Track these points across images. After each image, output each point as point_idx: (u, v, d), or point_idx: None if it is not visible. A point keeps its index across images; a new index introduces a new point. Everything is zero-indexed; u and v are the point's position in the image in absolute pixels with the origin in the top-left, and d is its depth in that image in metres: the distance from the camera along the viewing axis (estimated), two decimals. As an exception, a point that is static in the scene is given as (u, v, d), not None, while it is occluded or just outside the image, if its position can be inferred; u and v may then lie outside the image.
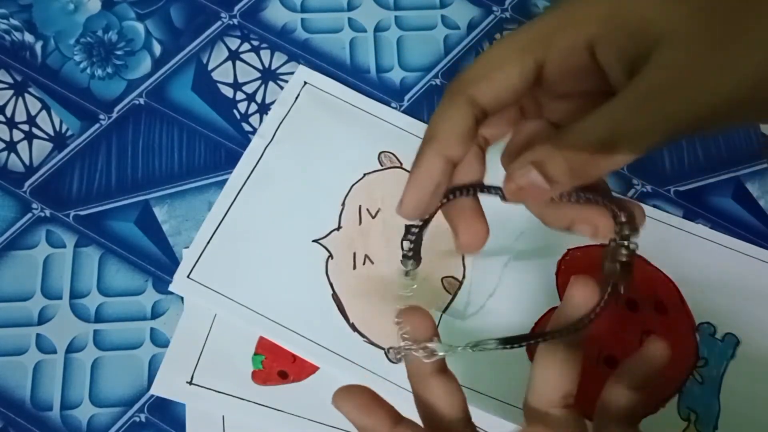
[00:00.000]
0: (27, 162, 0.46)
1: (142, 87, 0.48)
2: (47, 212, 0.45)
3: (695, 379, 0.42)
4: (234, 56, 0.49)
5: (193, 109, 0.48)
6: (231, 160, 0.46)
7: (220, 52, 0.49)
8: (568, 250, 0.44)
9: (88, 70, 0.49)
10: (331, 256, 0.43)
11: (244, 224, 0.44)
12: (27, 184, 0.45)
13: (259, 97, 0.48)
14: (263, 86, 0.49)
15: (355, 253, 0.43)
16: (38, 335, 0.42)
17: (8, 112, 0.47)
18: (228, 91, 0.48)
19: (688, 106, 0.27)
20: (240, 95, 0.48)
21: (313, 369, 0.41)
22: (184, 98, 0.48)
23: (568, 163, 0.28)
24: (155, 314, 0.42)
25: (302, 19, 0.51)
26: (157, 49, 0.49)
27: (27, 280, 0.43)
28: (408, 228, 0.34)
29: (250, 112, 0.48)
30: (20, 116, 0.47)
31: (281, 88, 0.49)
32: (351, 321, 0.42)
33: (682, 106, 0.27)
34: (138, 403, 0.41)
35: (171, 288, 0.42)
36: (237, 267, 0.43)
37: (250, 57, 0.49)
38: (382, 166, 0.46)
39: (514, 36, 0.30)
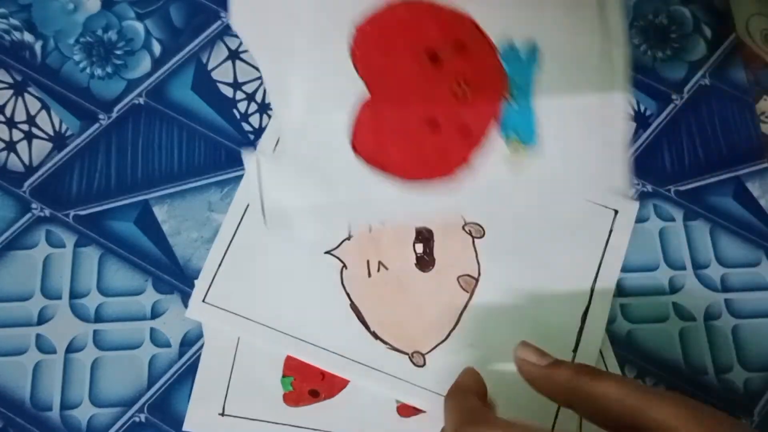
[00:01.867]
0: (27, 162, 0.46)
1: (142, 87, 0.48)
2: (47, 212, 0.45)
3: (508, 102, 0.44)
4: (234, 56, 0.49)
5: (193, 108, 0.48)
6: (231, 160, 0.46)
7: (219, 52, 0.49)
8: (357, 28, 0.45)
9: (88, 70, 0.48)
10: (345, 266, 0.42)
11: (254, 242, 0.43)
12: (27, 183, 0.45)
13: (259, 97, 0.48)
14: (263, 86, 0.49)
15: (368, 261, 0.42)
16: (38, 335, 0.42)
17: (8, 111, 0.47)
18: (228, 91, 0.48)
19: None
20: (240, 95, 0.48)
21: (344, 383, 0.41)
22: (184, 98, 0.48)
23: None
24: (155, 314, 0.42)
25: (302, 19, 0.51)
26: (157, 48, 0.49)
27: (27, 280, 0.43)
28: (419, 231, 0.35)
29: (250, 111, 0.48)
30: (20, 116, 0.47)
31: (281, 87, 0.49)
32: (372, 329, 0.41)
33: None
34: (138, 403, 0.40)
35: (188, 315, 0.42)
36: (253, 286, 0.42)
37: (250, 57, 0.49)
38: None
39: None
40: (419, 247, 0.38)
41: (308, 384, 0.41)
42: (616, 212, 0.44)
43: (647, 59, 0.50)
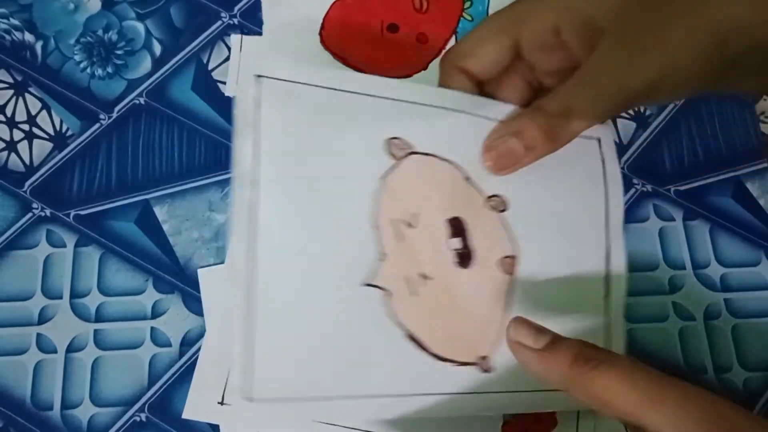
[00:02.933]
0: (27, 162, 0.46)
1: (143, 87, 0.48)
2: (47, 212, 0.45)
3: (466, 20, 0.49)
4: (234, 56, 0.49)
5: (194, 108, 0.48)
6: (231, 160, 0.46)
7: (220, 52, 0.49)
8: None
9: (88, 70, 0.49)
10: (388, 293, 0.35)
11: (279, 304, 0.34)
12: (27, 183, 0.45)
13: (259, 97, 0.48)
14: None
15: (410, 278, 0.36)
16: (38, 335, 0.42)
17: (8, 111, 0.47)
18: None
19: (617, 86, 0.34)
20: (240, 95, 0.48)
21: None
22: (185, 98, 0.48)
23: (540, 129, 0.35)
24: (155, 314, 0.42)
25: (302, 19, 0.51)
26: (157, 48, 0.49)
27: (27, 279, 0.43)
28: (452, 222, 0.33)
29: (250, 111, 0.48)
30: (20, 116, 0.47)
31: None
32: (434, 352, 0.36)
33: (613, 87, 0.34)
34: (138, 403, 0.41)
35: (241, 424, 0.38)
36: (298, 361, 0.34)
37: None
38: (395, 158, 0.37)
39: (494, 18, 0.38)
40: (455, 242, 0.34)
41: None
42: (599, 140, 0.41)
43: (647, 59, 0.50)
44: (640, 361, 0.30)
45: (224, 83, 0.48)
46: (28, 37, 0.49)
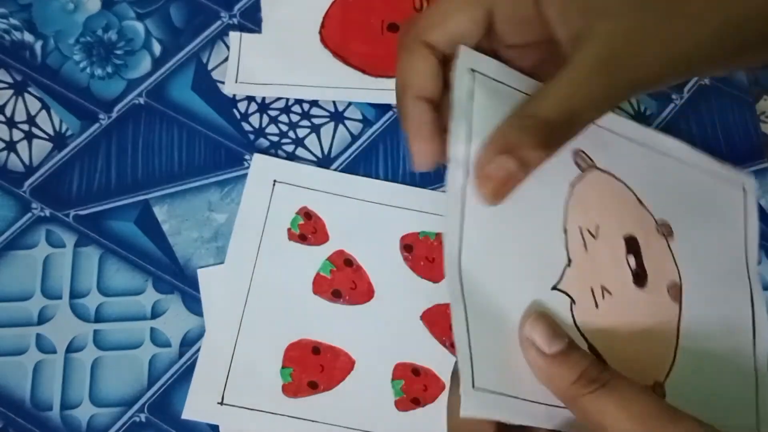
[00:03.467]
0: (27, 162, 0.46)
1: (142, 86, 0.48)
2: (47, 212, 0.45)
3: None
4: (234, 56, 0.49)
5: (193, 108, 0.48)
6: (231, 160, 0.46)
7: (220, 52, 0.49)
8: None
9: (88, 70, 0.48)
10: (573, 301, 0.34)
11: (482, 299, 0.33)
12: (27, 183, 0.45)
13: (259, 97, 0.48)
14: None
15: (592, 288, 0.35)
16: (38, 335, 0.42)
17: (8, 111, 0.47)
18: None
19: (632, 75, 0.30)
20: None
21: (342, 376, 0.41)
22: (184, 98, 0.48)
23: (538, 141, 0.29)
24: (155, 314, 0.42)
25: (302, 19, 0.51)
26: (157, 48, 0.49)
27: (27, 280, 0.43)
28: (627, 240, 0.32)
29: (250, 111, 0.48)
30: (20, 116, 0.47)
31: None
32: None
33: (628, 75, 0.30)
34: (138, 403, 0.41)
35: (463, 413, 0.31)
36: (507, 357, 0.33)
37: (250, 56, 0.49)
38: (580, 169, 0.37)
39: None
40: (632, 260, 0.33)
41: (307, 375, 0.41)
42: (744, 190, 0.40)
43: (647, 59, 0.50)
44: (649, 390, 0.29)
45: (224, 83, 0.48)
46: (28, 36, 0.49)
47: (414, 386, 0.41)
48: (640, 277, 0.35)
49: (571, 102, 0.30)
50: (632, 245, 0.35)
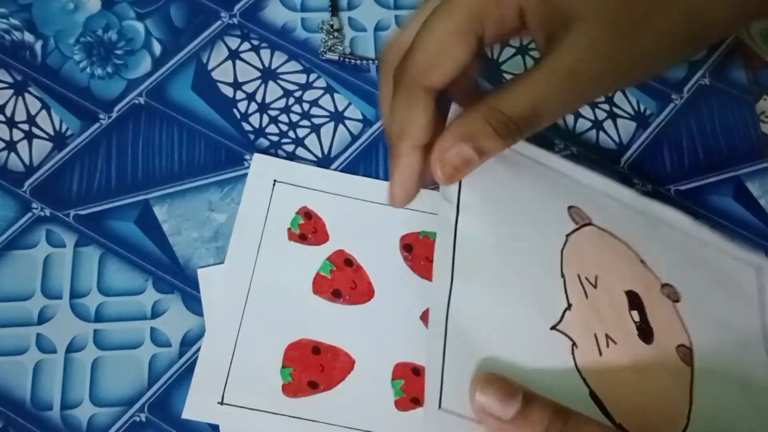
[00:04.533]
0: (27, 161, 0.46)
1: (142, 86, 0.48)
2: (47, 212, 0.45)
3: None
4: (234, 56, 0.49)
5: (193, 108, 0.48)
6: (231, 160, 0.46)
7: (220, 52, 0.49)
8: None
9: (88, 70, 0.48)
10: (574, 344, 0.34)
11: (470, 327, 0.33)
12: (27, 183, 0.45)
13: (259, 97, 0.48)
14: (263, 86, 0.49)
15: (596, 335, 0.35)
16: (38, 335, 0.42)
17: (8, 111, 0.47)
18: (228, 91, 0.48)
19: (595, 85, 0.32)
20: (240, 95, 0.48)
21: (342, 376, 0.41)
22: (184, 98, 0.48)
23: (498, 133, 0.31)
24: (155, 314, 0.42)
25: (302, 19, 0.51)
26: (157, 48, 0.49)
27: (27, 279, 0.43)
28: (630, 295, 0.32)
29: (250, 111, 0.48)
30: (20, 116, 0.47)
31: (281, 88, 0.49)
32: (618, 421, 0.33)
33: (591, 85, 0.32)
34: (138, 403, 0.41)
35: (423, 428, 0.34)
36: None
37: (250, 56, 0.49)
38: (575, 223, 0.38)
39: (450, 15, 0.32)
40: (635, 315, 0.33)
41: (307, 375, 0.41)
42: (757, 270, 0.41)
43: (647, 59, 0.50)
44: (613, 428, 0.29)
45: (224, 83, 0.48)
46: (28, 36, 0.49)
47: (414, 386, 0.41)
48: (645, 332, 0.35)
49: (534, 103, 0.31)
50: (635, 300, 0.35)
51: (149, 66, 0.49)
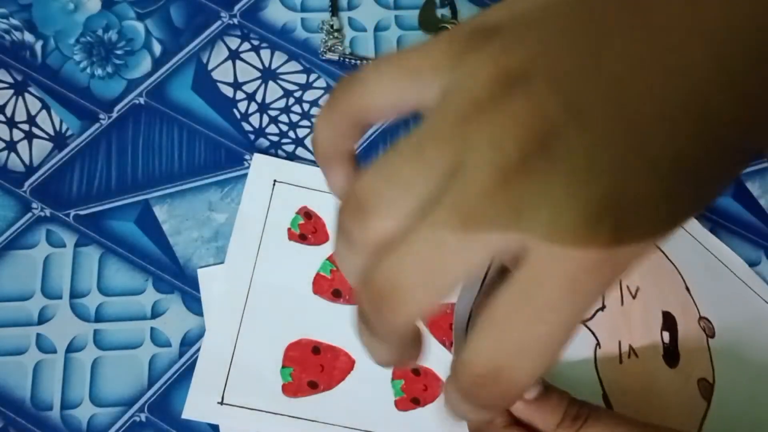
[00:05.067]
0: (27, 161, 0.46)
1: (142, 86, 0.48)
2: (47, 212, 0.45)
3: None
4: (234, 56, 0.49)
5: (193, 108, 0.48)
6: (231, 160, 0.46)
7: (220, 52, 0.49)
8: None
9: (88, 70, 0.48)
10: (598, 343, 0.35)
11: None
12: (27, 183, 0.45)
13: (259, 97, 0.48)
14: (263, 86, 0.49)
15: (620, 342, 0.35)
16: (38, 335, 0.42)
17: (8, 111, 0.47)
18: (228, 91, 0.48)
19: None
20: (240, 95, 0.48)
21: (342, 376, 0.41)
22: (184, 98, 0.48)
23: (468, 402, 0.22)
24: (155, 314, 0.42)
25: (302, 19, 0.51)
26: (157, 48, 0.49)
27: (27, 279, 0.43)
28: (666, 315, 0.32)
29: (250, 111, 0.48)
30: (20, 116, 0.47)
31: (281, 88, 0.49)
32: None
33: None
34: (138, 403, 0.41)
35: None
36: None
37: (250, 56, 0.49)
38: None
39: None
40: (666, 336, 0.33)
41: (307, 375, 0.41)
42: None
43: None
44: (628, 417, 0.29)
45: (224, 83, 0.48)
46: (28, 36, 0.49)
47: (414, 386, 0.41)
48: (671, 355, 0.35)
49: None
50: (669, 322, 0.35)
51: (149, 66, 0.49)
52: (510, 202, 0.18)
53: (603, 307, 0.35)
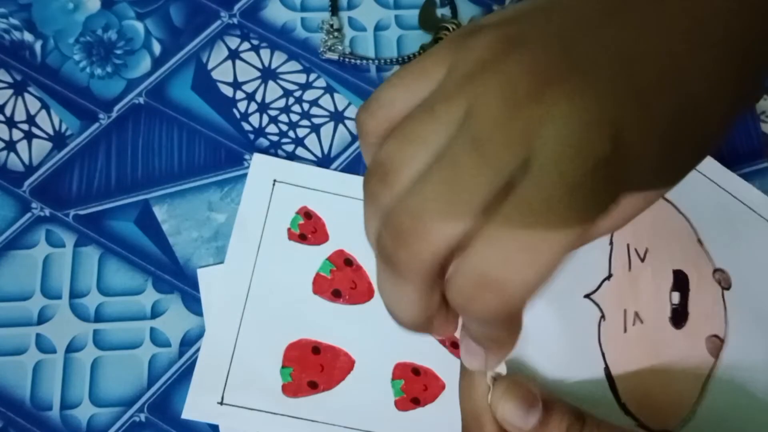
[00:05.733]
0: (26, 161, 0.46)
1: (142, 86, 0.48)
2: (47, 212, 0.45)
3: None
4: (234, 55, 0.49)
5: (193, 108, 0.48)
6: (231, 160, 0.46)
7: (219, 52, 0.49)
8: None
9: (88, 70, 0.48)
10: (603, 316, 0.34)
11: None
12: (26, 183, 0.45)
13: (259, 97, 0.48)
14: (263, 85, 0.49)
15: (625, 311, 0.34)
16: (38, 335, 0.42)
17: (8, 111, 0.47)
18: (228, 91, 0.48)
19: None
20: (240, 94, 0.48)
21: (342, 376, 0.41)
22: (184, 97, 0.48)
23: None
24: (155, 314, 0.42)
25: (302, 18, 0.51)
26: (157, 48, 0.49)
27: (26, 279, 0.43)
28: (677, 274, 0.30)
29: (250, 111, 0.48)
30: (20, 115, 0.47)
31: (281, 88, 0.49)
32: (623, 401, 0.33)
33: None
34: (138, 403, 0.40)
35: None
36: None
37: (250, 56, 0.49)
38: None
39: None
40: (675, 297, 0.32)
41: (307, 375, 0.41)
42: None
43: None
44: (630, 428, 0.29)
45: (224, 83, 0.48)
46: (28, 36, 0.49)
47: (414, 386, 0.41)
48: (679, 316, 0.34)
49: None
50: (680, 281, 0.34)
51: (149, 66, 0.49)
52: (519, 126, 0.20)
53: (610, 276, 0.34)
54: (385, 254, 0.22)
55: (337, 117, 0.48)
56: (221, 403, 0.40)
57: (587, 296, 0.33)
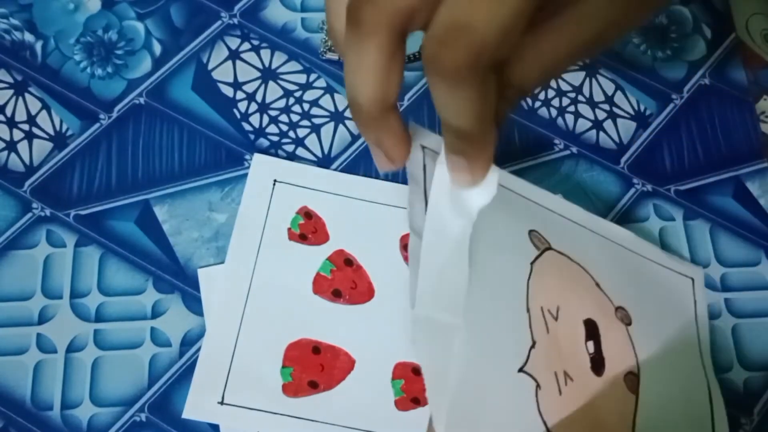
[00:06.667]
0: (27, 161, 0.46)
1: (143, 86, 0.48)
2: (47, 212, 0.45)
3: None
4: (234, 56, 0.49)
5: (194, 108, 0.48)
6: (231, 160, 0.46)
7: (220, 52, 0.49)
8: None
9: (88, 70, 0.49)
10: (538, 385, 0.32)
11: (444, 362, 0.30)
12: (27, 183, 0.45)
13: (259, 97, 0.48)
14: (263, 86, 0.49)
15: (555, 373, 0.33)
16: (38, 335, 0.42)
17: (8, 111, 0.47)
18: (228, 91, 0.48)
19: None
20: (240, 95, 0.48)
21: (343, 376, 0.41)
22: (185, 98, 0.48)
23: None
24: (156, 314, 0.42)
25: (302, 19, 0.51)
26: (157, 48, 0.49)
27: (27, 279, 0.43)
28: (587, 324, 0.30)
29: (250, 111, 0.48)
30: (20, 116, 0.47)
31: (281, 88, 0.49)
32: None
33: None
34: (138, 403, 0.41)
35: None
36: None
37: (250, 56, 0.50)
38: (537, 249, 0.36)
39: None
40: (591, 346, 0.32)
41: (308, 375, 0.41)
42: (693, 280, 0.43)
43: (647, 59, 0.50)
44: None
45: (224, 83, 0.48)
46: (28, 37, 0.49)
47: (414, 386, 0.41)
48: (597, 364, 0.34)
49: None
50: (592, 330, 0.34)
51: (149, 66, 0.49)
52: None
53: (534, 344, 0.33)
54: (351, 13, 0.24)
55: (338, 117, 0.48)
56: (222, 403, 0.40)
57: (521, 370, 0.32)
